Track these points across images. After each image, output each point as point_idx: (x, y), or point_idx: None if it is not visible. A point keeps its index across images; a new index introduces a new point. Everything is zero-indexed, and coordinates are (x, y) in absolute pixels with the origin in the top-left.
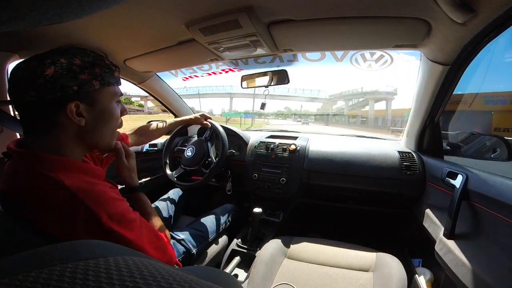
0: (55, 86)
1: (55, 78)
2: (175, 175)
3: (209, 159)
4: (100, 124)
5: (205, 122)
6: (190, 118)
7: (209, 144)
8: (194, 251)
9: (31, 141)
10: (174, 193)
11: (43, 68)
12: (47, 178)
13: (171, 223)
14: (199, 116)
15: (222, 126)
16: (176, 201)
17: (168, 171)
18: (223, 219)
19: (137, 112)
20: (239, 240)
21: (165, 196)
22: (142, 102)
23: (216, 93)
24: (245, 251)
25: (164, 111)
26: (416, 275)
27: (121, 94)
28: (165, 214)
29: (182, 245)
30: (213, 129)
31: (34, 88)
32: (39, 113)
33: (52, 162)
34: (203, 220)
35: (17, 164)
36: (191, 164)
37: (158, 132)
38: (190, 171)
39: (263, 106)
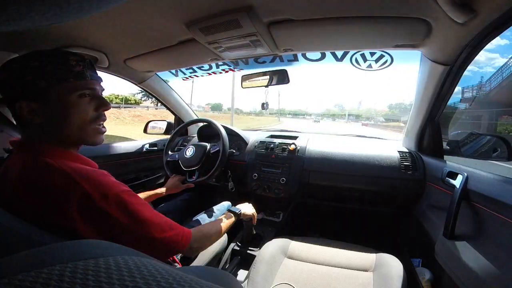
0: (3, 89)
1: (3, 81)
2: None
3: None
4: (59, 120)
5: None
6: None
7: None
8: None
9: (25, 135)
10: None
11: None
12: (44, 163)
13: None
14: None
15: (223, 126)
16: (175, 200)
17: (168, 171)
18: (219, 216)
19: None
20: (237, 242)
21: (164, 195)
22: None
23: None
24: (245, 251)
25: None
26: (416, 275)
27: (88, 88)
28: (163, 213)
29: None
30: (221, 140)
31: None
32: (12, 113)
33: (49, 150)
34: (200, 217)
35: (17, 156)
36: (190, 164)
37: None
38: (189, 171)
39: (263, 106)
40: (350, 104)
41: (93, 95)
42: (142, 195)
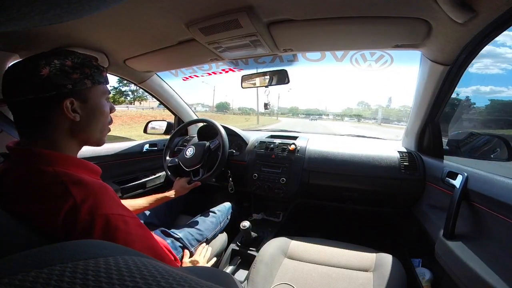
0: (50, 85)
1: (50, 77)
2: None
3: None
4: (92, 120)
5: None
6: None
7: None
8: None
9: (26, 139)
10: None
11: (39, 69)
12: (39, 171)
13: (170, 222)
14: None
15: (223, 126)
16: (175, 200)
17: (172, 175)
18: (221, 217)
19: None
20: (237, 242)
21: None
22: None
23: None
24: (245, 251)
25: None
26: (416, 275)
27: (109, 93)
28: (164, 213)
29: (181, 243)
30: (221, 139)
31: (31, 88)
32: (35, 112)
33: (50, 157)
34: (200, 218)
35: (15, 162)
36: (190, 164)
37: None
38: (193, 170)
39: (266, 106)
40: (377, 101)
41: (108, 99)
42: (151, 197)
